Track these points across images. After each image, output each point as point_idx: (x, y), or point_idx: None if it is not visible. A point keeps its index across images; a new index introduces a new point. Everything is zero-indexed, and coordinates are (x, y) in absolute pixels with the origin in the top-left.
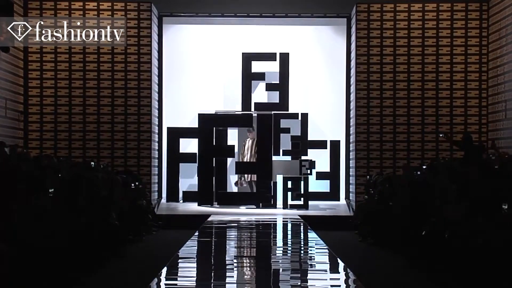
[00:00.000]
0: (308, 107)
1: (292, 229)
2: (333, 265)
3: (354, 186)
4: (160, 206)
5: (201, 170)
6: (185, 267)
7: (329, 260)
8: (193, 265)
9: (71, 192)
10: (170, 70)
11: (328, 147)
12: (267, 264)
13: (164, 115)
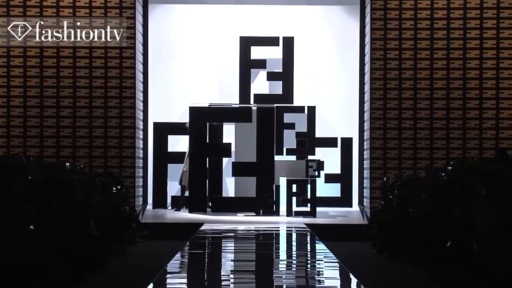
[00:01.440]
0: (315, 99)
1: (297, 240)
2: (344, 282)
3: (368, 190)
4: (146, 213)
5: (192, 172)
6: (174, 283)
7: (340, 275)
8: (183, 281)
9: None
10: (157, 56)
11: (338, 145)
12: (268, 281)
13: (150, 108)
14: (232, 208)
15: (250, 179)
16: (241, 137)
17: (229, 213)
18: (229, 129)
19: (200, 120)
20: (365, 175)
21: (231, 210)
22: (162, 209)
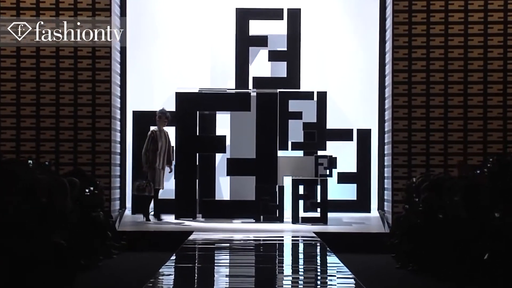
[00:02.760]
0: (326, 84)
1: (305, 252)
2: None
3: (390, 192)
4: (124, 220)
5: (179, 170)
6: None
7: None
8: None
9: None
10: (137, 33)
11: (354, 139)
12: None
13: (129, 94)
14: (226, 214)
15: (248, 179)
16: (237, 128)
17: (223, 219)
18: (223, 119)
19: (189, 109)
20: (386, 174)
21: (225, 215)
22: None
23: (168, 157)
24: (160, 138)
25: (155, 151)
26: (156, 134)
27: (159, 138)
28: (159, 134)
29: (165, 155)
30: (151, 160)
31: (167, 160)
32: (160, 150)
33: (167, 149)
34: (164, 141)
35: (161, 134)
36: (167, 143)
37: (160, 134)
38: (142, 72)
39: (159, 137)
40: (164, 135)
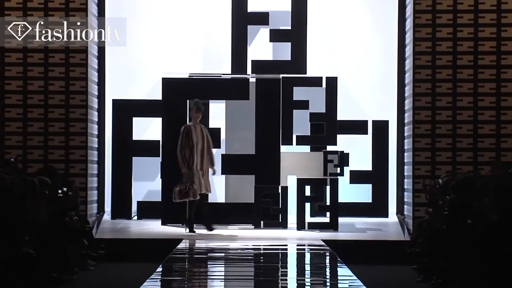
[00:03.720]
0: (337, 68)
1: (312, 263)
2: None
3: (411, 193)
4: (102, 226)
5: (166, 168)
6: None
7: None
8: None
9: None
10: (117, 10)
11: (369, 132)
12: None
13: (109, 80)
14: (221, 219)
15: (246, 179)
16: (234, 120)
17: (217, 225)
18: (217, 109)
19: (177, 97)
20: (406, 172)
21: (220, 220)
22: (124, 220)
23: (209, 157)
24: (196, 134)
25: (190, 148)
26: (190, 129)
27: (193, 133)
28: (193, 129)
29: (203, 153)
30: (188, 159)
31: (207, 160)
32: (196, 148)
33: (207, 147)
34: (200, 137)
35: (196, 129)
36: (206, 140)
37: (195, 129)
38: (123, 55)
39: (194, 132)
40: (201, 131)
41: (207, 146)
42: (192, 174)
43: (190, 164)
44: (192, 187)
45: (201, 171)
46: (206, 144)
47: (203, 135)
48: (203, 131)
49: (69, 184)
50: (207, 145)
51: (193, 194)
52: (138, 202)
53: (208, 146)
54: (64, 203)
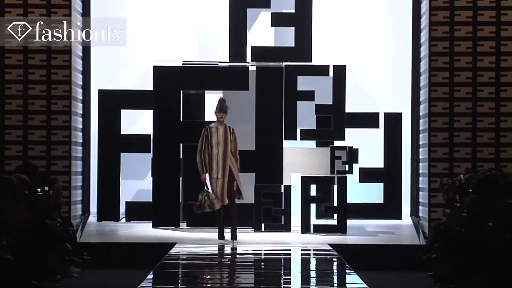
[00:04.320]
0: (345, 56)
1: (318, 269)
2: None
3: (426, 193)
4: (87, 229)
5: (157, 166)
6: None
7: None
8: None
9: None
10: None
11: (381, 125)
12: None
13: (94, 69)
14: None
15: (245, 177)
16: (232, 112)
17: (213, 228)
18: (214, 100)
19: (170, 87)
20: (421, 170)
21: (216, 223)
22: (112, 222)
23: (233, 164)
24: (217, 136)
25: (209, 152)
26: (210, 131)
27: (214, 136)
28: (214, 130)
29: (225, 159)
30: (206, 164)
31: (228, 167)
32: (218, 151)
33: (230, 151)
34: (222, 140)
35: (218, 131)
36: (229, 144)
37: (216, 130)
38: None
39: (215, 134)
40: (224, 133)
41: (232, 150)
42: (211, 183)
43: (208, 170)
44: (208, 199)
45: (222, 179)
46: (229, 148)
47: (226, 138)
48: (227, 134)
49: (51, 183)
50: (231, 148)
51: (209, 206)
52: (127, 203)
53: (234, 150)
54: (45, 204)
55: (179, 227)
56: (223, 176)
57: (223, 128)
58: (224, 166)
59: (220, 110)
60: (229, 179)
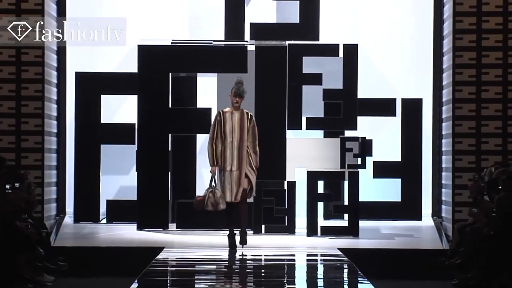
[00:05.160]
0: (357, 34)
1: (326, 277)
2: None
3: (450, 190)
4: (63, 231)
5: (144, 159)
6: None
7: None
8: None
9: None
10: None
11: (398, 113)
12: None
13: (71, 49)
14: (212, 222)
15: None
16: (228, 98)
17: (207, 230)
18: (207, 84)
19: (157, 69)
20: (444, 164)
21: (210, 225)
22: (91, 224)
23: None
24: (231, 122)
25: (223, 141)
26: (223, 116)
27: (228, 122)
28: (228, 116)
29: (241, 149)
30: (217, 156)
31: (246, 158)
32: (232, 140)
33: (247, 140)
34: (238, 128)
35: (234, 117)
36: (245, 131)
37: (231, 116)
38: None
39: (229, 120)
40: (240, 119)
41: (250, 141)
42: (223, 177)
43: (220, 162)
44: (213, 196)
45: (238, 171)
46: (246, 137)
47: (243, 124)
48: (244, 120)
49: (21, 178)
50: (251, 139)
51: (212, 205)
52: (108, 202)
53: (253, 140)
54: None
55: (168, 229)
56: (239, 169)
57: (239, 114)
58: (240, 156)
59: (236, 94)
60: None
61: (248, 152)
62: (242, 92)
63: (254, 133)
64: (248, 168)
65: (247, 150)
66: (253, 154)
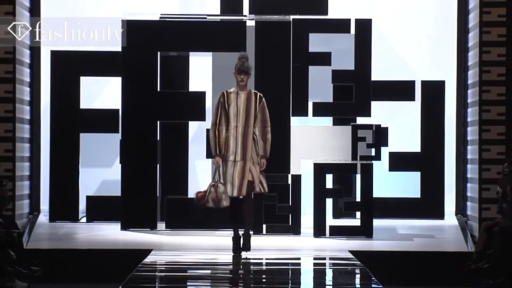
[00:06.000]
0: (371, 8)
1: (335, 283)
2: None
3: (476, 185)
4: (37, 231)
5: (129, 150)
6: None
7: None
8: None
9: None
10: None
11: (417, 98)
12: None
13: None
14: (206, 221)
15: None
16: (224, 80)
17: (200, 230)
18: (201, 64)
19: (144, 48)
20: (470, 156)
21: (204, 224)
22: (68, 223)
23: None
24: (236, 104)
25: (227, 126)
26: (227, 97)
27: (233, 104)
28: (233, 97)
29: (246, 136)
30: (221, 143)
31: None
32: (236, 125)
33: (257, 126)
34: (243, 110)
35: (239, 97)
36: (251, 115)
37: (236, 97)
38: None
39: (234, 102)
40: (247, 100)
41: (259, 126)
42: (225, 168)
43: (223, 151)
44: (215, 191)
45: (242, 161)
46: (255, 121)
47: (249, 107)
48: (251, 102)
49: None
50: (260, 123)
51: (213, 201)
52: (88, 198)
53: (262, 125)
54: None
55: (156, 229)
56: (243, 159)
57: (245, 94)
58: (244, 144)
59: (240, 71)
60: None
61: (255, 139)
62: (247, 68)
63: (264, 116)
64: (252, 159)
65: (254, 137)
66: (261, 142)
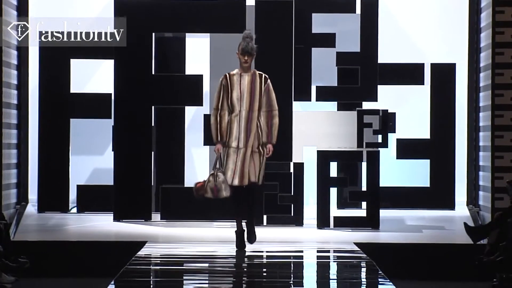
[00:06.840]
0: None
1: (340, 277)
2: None
3: (489, 173)
4: (25, 222)
5: (122, 137)
6: None
7: None
8: None
9: None
10: None
11: (426, 81)
12: None
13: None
14: (203, 212)
15: None
16: (222, 63)
17: (196, 221)
18: (198, 45)
19: (138, 28)
20: (482, 143)
21: (201, 215)
22: (58, 214)
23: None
24: (239, 87)
25: (230, 111)
26: (230, 79)
27: (235, 87)
28: (236, 79)
29: (250, 121)
30: (222, 129)
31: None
32: (240, 109)
33: (262, 111)
34: (248, 94)
35: (243, 80)
36: (256, 98)
37: (239, 79)
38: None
39: (237, 85)
40: (251, 82)
41: (264, 110)
42: (227, 155)
43: (225, 137)
44: (214, 180)
45: (244, 149)
46: (260, 105)
47: (253, 90)
48: (255, 84)
49: None
50: (265, 107)
51: (211, 191)
52: (79, 187)
53: (268, 109)
54: None
55: (151, 220)
56: (245, 146)
57: (249, 76)
58: (247, 130)
59: (244, 52)
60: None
61: (258, 125)
62: (251, 49)
63: (269, 100)
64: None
65: (257, 123)
66: (265, 127)
